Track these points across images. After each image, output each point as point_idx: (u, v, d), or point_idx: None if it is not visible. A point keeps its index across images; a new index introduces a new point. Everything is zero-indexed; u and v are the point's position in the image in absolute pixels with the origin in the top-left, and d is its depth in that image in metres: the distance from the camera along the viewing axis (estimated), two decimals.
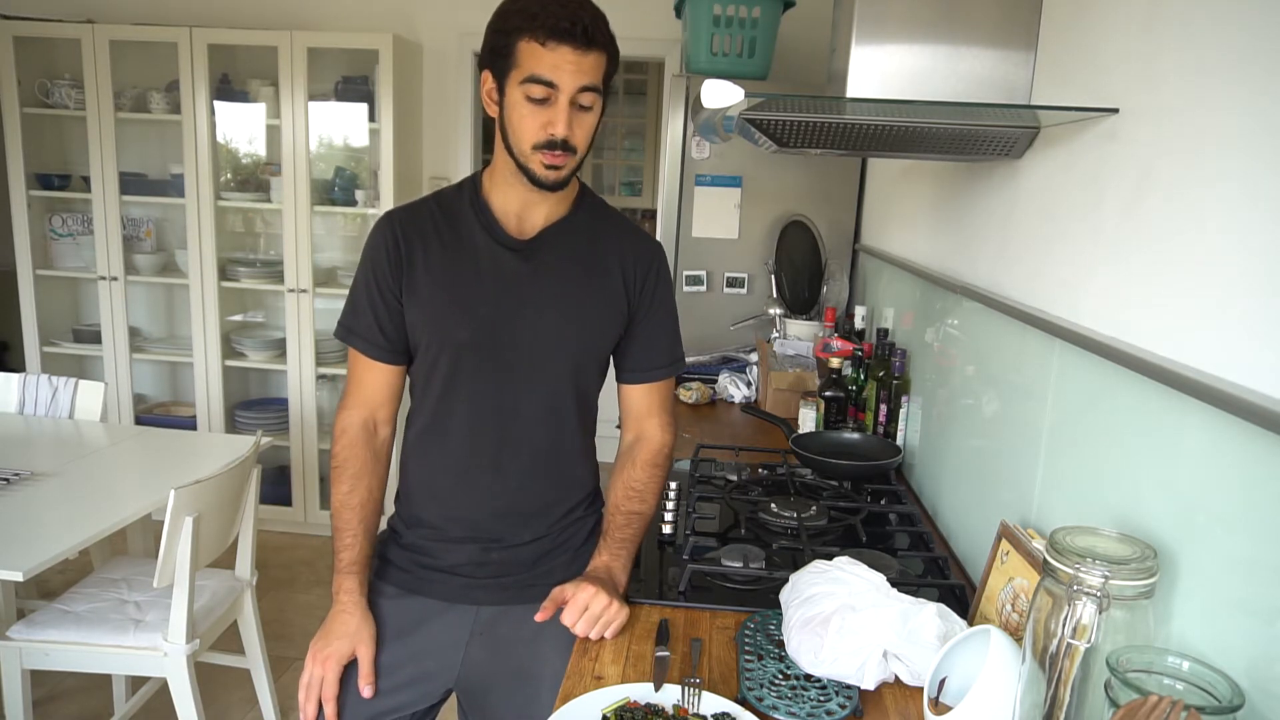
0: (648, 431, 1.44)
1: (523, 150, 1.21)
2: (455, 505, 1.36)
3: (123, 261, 3.62)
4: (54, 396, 2.66)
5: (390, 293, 1.30)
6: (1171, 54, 0.99)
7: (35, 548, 1.76)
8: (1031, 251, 1.37)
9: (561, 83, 1.17)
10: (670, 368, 1.43)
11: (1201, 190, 0.91)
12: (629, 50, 3.94)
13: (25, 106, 3.54)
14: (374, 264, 1.31)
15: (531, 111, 1.19)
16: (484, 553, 1.36)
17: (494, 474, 1.34)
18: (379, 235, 1.31)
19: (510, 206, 1.31)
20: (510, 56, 1.18)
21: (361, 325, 1.32)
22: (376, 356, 1.33)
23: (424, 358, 1.32)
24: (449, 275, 1.30)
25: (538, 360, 1.31)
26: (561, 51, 1.15)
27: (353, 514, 1.32)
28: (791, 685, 1.10)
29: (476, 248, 1.30)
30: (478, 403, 1.32)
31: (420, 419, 1.36)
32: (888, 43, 1.38)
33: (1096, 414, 1.11)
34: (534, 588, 1.35)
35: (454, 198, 1.34)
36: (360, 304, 1.33)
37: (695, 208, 2.89)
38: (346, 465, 1.33)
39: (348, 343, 1.35)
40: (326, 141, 3.72)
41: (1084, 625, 0.80)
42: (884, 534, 1.63)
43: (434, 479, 1.37)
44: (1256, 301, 0.81)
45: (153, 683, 2.38)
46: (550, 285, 1.31)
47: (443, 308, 1.29)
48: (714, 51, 2.70)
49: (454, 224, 1.32)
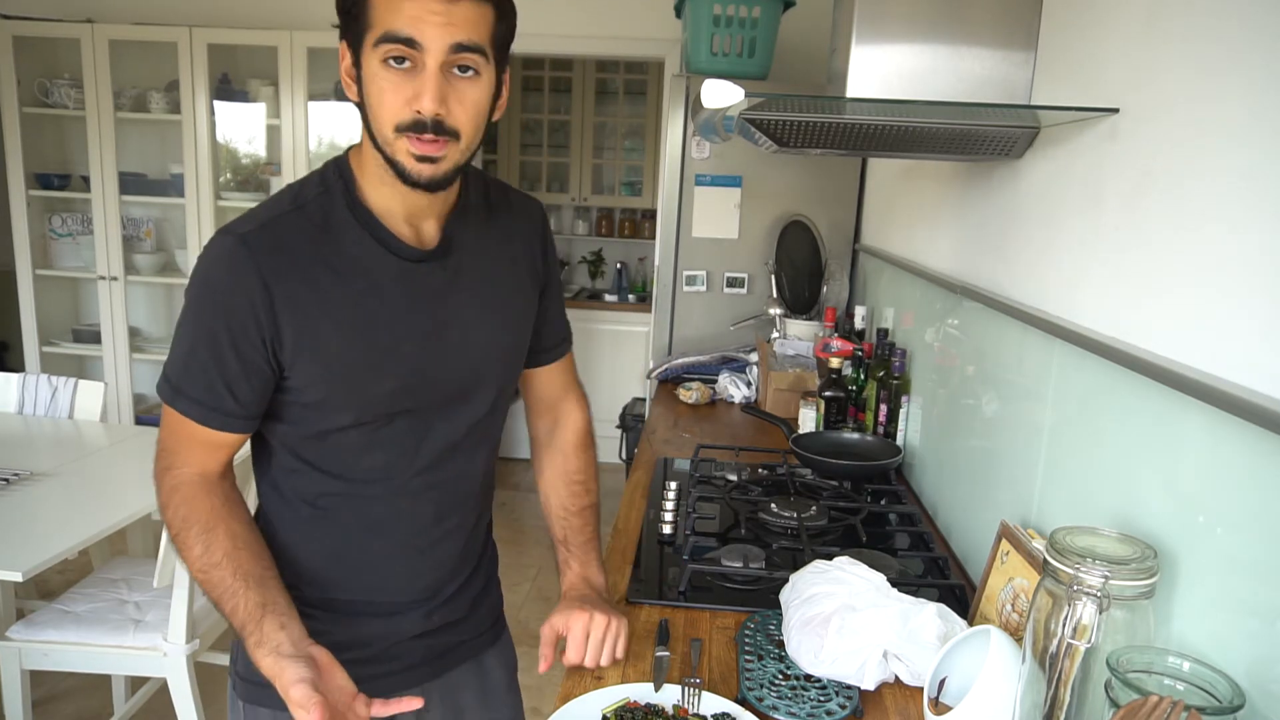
0: (565, 412, 1.28)
1: (384, 135, 0.93)
2: (386, 570, 1.11)
3: (122, 261, 3.63)
4: (54, 396, 2.66)
5: (254, 350, 0.96)
6: (1172, 54, 0.99)
7: (35, 548, 1.76)
8: (1032, 251, 1.37)
9: (426, 40, 0.89)
10: (570, 337, 1.28)
11: (1201, 190, 0.91)
12: (629, 50, 3.96)
13: (25, 106, 3.54)
14: (225, 310, 0.95)
15: (392, 83, 0.91)
16: (425, 618, 1.14)
17: (434, 522, 1.12)
18: (234, 271, 0.94)
19: (394, 209, 1.01)
20: (364, 15, 0.91)
21: (200, 389, 0.98)
22: (220, 426, 1.00)
23: (322, 419, 1.02)
24: (353, 313, 0.99)
25: (473, 383, 1.09)
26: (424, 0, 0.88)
27: (223, 570, 0.97)
28: (791, 685, 1.10)
29: (373, 267, 1.00)
30: (408, 451, 1.07)
31: (315, 484, 1.07)
32: (888, 43, 1.38)
33: (1096, 414, 1.11)
34: (466, 643, 1.21)
35: (322, 202, 1.00)
36: (200, 359, 0.97)
37: (695, 208, 2.89)
38: (189, 523, 1.00)
39: (175, 407, 1.00)
40: (326, 141, 3.72)
41: (1084, 625, 0.80)
42: (884, 534, 1.63)
43: (349, 550, 1.09)
44: (1256, 301, 0.81)
45: (153, 683, 2.38)
46: (474, 296, 1.08)
47: (357, 358, 1.00)
48: (714, 51, 2.70)
49: (336, 240, 0.99)
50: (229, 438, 1.02)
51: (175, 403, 1.00)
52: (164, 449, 1.04)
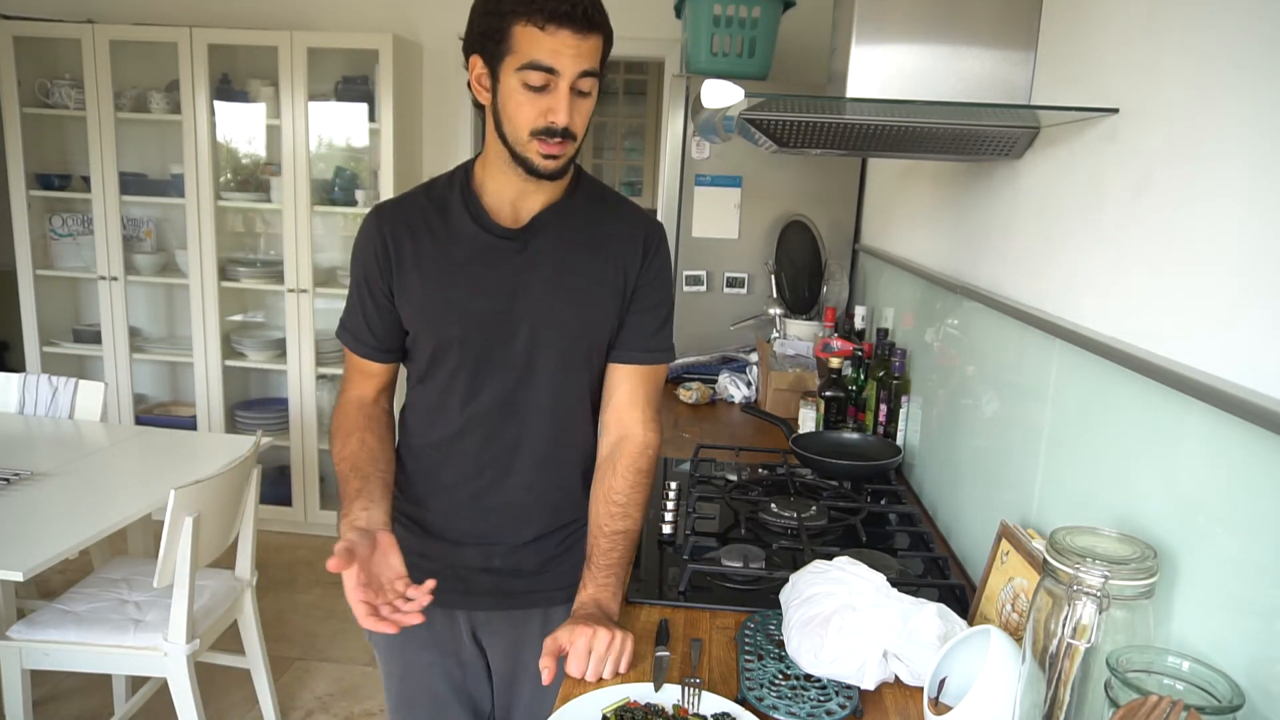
0: (630, 429, 1.32)
1: (519, 138, 1.16)
2: (448, 504, 1.34)
3: (123, 261, 3.62)
4: (54, 396, 2.66)
5: (380, 290, 1.27)
6: (1172, 54, 0.99)
7: (35, 548, 1.76)
8: (1031, 251, 1.37)
9: (563, 68, 1.11)
10: (659, 353, 1.34)
11: (1202, 189, 0.91)
12: (629, 50, 3.96)
13: (25, 106, 3.53)
14: (363, 262, 1.28)
15: (529, 99, 1.13)
16: (485, 558, 1.34)
17: (496, 472, 1.31)
18: (366, 231, 1.28)
19: (505, 194, 1.25)
20: (505, 41, 1.11)
21: (353, 323, 1.31)
22: (365, 354, 1.31)
23: (419, 354, 1.30)
24: (438, 269, 1.25)
25: (536, 350, 1.27)
26: (562, 36, 1.09)
27: (345, 465, 1.25)
28: (791, 685, 1.10)
29: (467, 239, 1.25)
30: (476, 398, 1.28)
31: (414, 416, 1.35)
32: (888, 43, 1.38)
33: (1096, 414, 1.11)
34: (534, 594, 1.36)
35: (444, 188, 1.29)
36: (352, 302, 1.31)
37: (695, 208, 2.89)
38: (339, 428, 1.30)
39: (340, 339, 1.34)
40: (326, 141, 3.72)
41: (1084, 625, 0.80)
42: (884, 534, 1.63)
43: (430, 476, 1.34)
44: (1256, 301, 0.81)
45: (153, 683, 2.38)
46: (545, 272, 1.26)
47: (433, 303, 1.25)
48: (714, 51, 2.70)
49: (444, 215, 1.27)
50: (375, 367, 1.33)
51: (341, 336, 1.33)
52: (343, 378, 1.38)
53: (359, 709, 2.59)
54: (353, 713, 2.57)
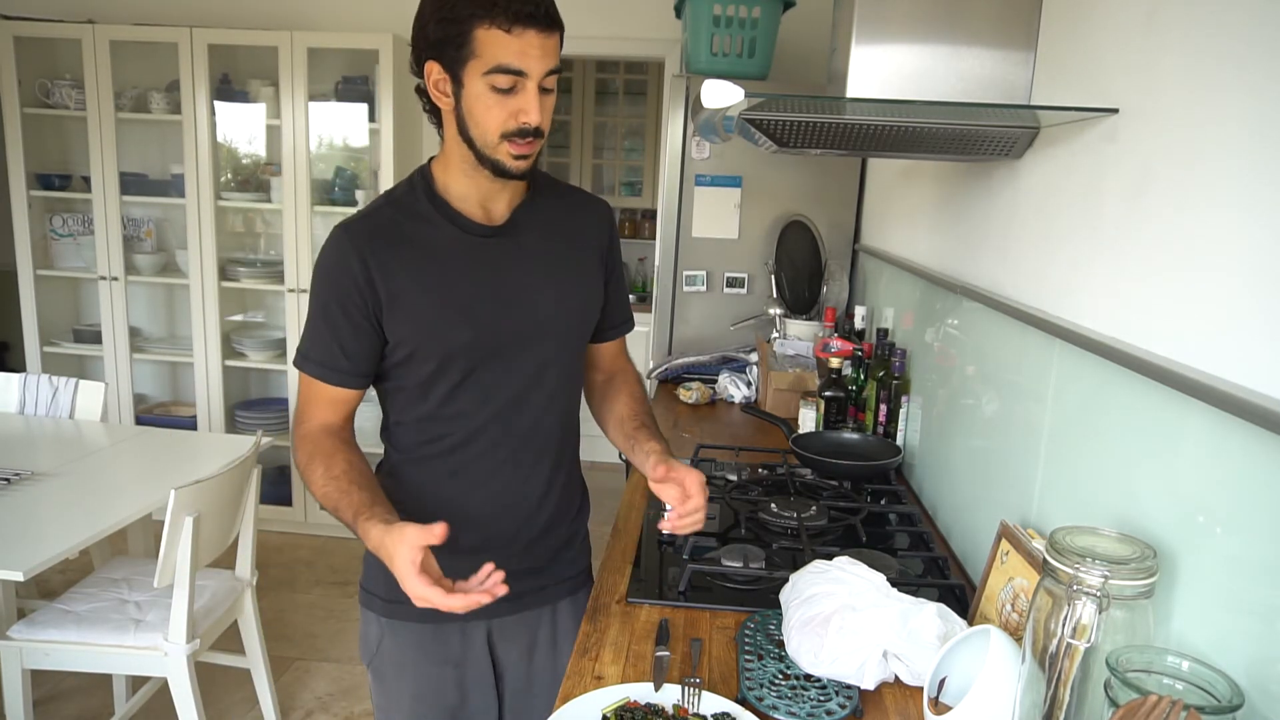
0: (620, 371, 1.46)
1: (488, 141, 1.14)
2: (468, 512, 1.28)
3: (123, 261, 3.62)
4: (54, 396, 2.66)
5: (358, 312, 1.19)
6: (1172, 54, 0.99)
7: (35, 548, 1.76)
8: (1031, 251, 1.37)
9: (531, 70, 1.10)
10: (630, 321, 1.46)
11: (1201, 189, 0.91)
12: (629, 50, 3.96)
13: (26, 106, 3.54)
14: (335, 284, 1.19)
15: (498, 101, 1.11)
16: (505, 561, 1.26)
17: (512, 469, 1.30)
18: (338, 251, 1.19)
19: (472, 196, 1.23)
20: (467, 45, 1.09)
21: (319, 351, 1.22)
22: (338, 382, 1.23)
23: (416, 369, 1.24)
24: (433, 277, 1.21)
25: (541, 343, 1.27)
26: (528, 37, 1.08)
27: (337, 482, 1.17)
28: (791, 685, 1.10)
29: (451, 243, 1.22)
30: (488, 401, 1.26)
31: (413, 432, 1.29)
32: (888, 43, 1.38)
33: (1096, 414, 1.11)
34: (545, 589, 1.38)
35: (407, 196, 1.25)
36: (318, 329, 1.22)
37: (695, 208, 2.89)
38: (314, 458, 1.21)
39: (304, 370, 1.24)
40: (326, 141, 3.72)
41: (1084, 625, 0.80)
42: (884, 534, 1.63)
43: (439, 488, 1.30)
44: (1256, 301, 0.81)
45: (153, 683, 2.38)
46: (537, 265, 1.27)
47: (436, 313, 1.21)
48: (714, 51, 2.70)
49: (418, 223, 1.23)
50: (345, 394, 1.25)
51: (304, 367, 1.23)
52: (299, 410, 1.27)
53: (359, 709, 2.59)
54: (353, 713, 2.57)
